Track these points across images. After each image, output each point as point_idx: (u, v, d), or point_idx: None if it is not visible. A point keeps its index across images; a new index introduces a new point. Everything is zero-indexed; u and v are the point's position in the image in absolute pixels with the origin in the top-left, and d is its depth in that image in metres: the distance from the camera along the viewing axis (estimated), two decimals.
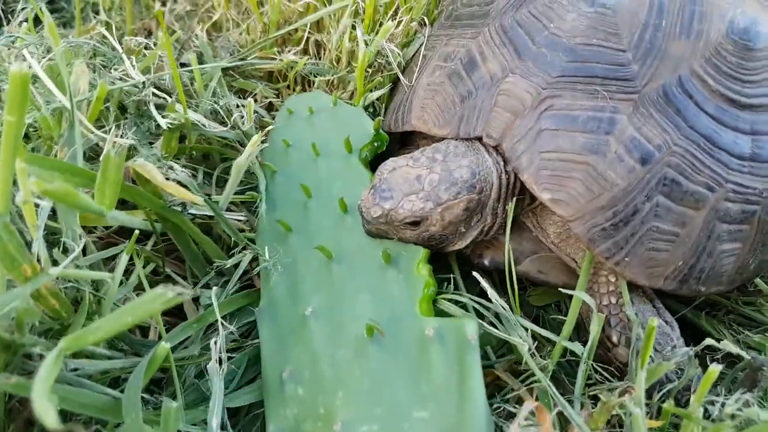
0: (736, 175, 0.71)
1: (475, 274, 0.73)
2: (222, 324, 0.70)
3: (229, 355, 0.75)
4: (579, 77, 0.72)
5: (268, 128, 0.90)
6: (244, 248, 0.81)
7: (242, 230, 0.87)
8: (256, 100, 1.00)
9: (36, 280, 0.56)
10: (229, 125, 0.89)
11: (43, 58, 0.84)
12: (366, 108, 1.00)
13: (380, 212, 0.73)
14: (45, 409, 0.39)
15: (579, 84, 0.71)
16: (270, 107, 1.12)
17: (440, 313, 0.73)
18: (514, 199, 0.77)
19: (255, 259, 0.83)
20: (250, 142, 0.79)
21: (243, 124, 0.90)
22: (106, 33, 0.89)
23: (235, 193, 0.86)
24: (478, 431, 0.56)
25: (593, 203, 0.68)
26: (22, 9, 1.44)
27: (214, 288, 0.75)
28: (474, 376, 0.59)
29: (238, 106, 0.94)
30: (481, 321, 0.70)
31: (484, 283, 0.71)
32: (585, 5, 0.74)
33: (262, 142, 0.90)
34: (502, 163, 0.77)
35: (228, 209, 0.86)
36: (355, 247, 0.77)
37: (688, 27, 0.72)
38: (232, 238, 0.81)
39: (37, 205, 0.62)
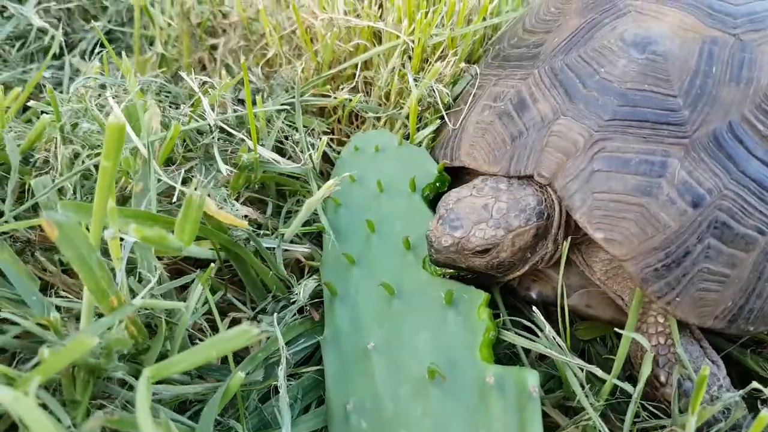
0: None
1: (534, 309, 0.75)
2: (283, 351, 0.73)
3: (289, 382, 0.78)
4: (630, 121, 0.74)
5: (344, 175, 0.94)
6: (310, 276, 0.85)
7: (305, 260, 0.90)
8: (312, 136, 1.04)
9: (121, 310, 0.60)
10: (302, 161, 0.93)
11: (116, 96, 0.90)
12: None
13: (451, 241, 0.75)
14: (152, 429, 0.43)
15: (630, 128, 0.74)
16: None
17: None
18: (569, 237, 0.79)
19: (312, 296, 0.86)
20: (326, 184, 0.83)
21: (311, 160, 0.94)
22: (184, 75, 0.94)
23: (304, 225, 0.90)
24: None
25: (646, 244, 0.70)
26: (81, 39, 1.53)
27: (275, 315, 0.78)
28: (534, 428, 0.60)
29: (298, 143, 0.98)
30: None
31: (540, 317, 0.73)
32: (636, 52, 0.76)
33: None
34: (556, 199, 0.80)
35: (293, 241, 0.90)
36: (417, 286, 0.79)
37: (738, 73, 0.74)
38: (304, 268, 0.84)
39: (121, 240, 0.67)
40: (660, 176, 0.71)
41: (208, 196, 0.78)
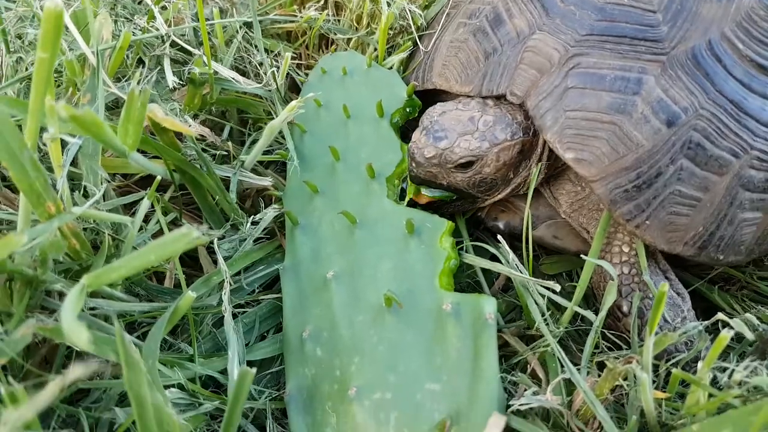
0: (761, 143, 0.70)
1: (499, 237, 0.72)
2: (229, 278, 0.70)
3: (245, 309, 0.76)
4: (607, 36, 0.71)
5: (308, 96, 0.89)
6: (268, 205, 0.82)
7: (267, 189, 0.86)
8: (278, 60, 0.99)
9: (60, 217, 0.56)
10: (264, 81, 0.88)
11: (67, 3, 0.84)
12: None
13: (434, 152, 0.72)
14: (77, 329, 0.39)
15: (607, 43, 0.70)
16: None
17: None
18: (539, 164, 0.76)
19: (278, 217, 0.83)
20: (287, 106, 0.79)
21: (274, 80, 0.89)
22: None
23: (264, 153, 0.86)
24: (489, 411, 0.55)
25: (617, 164, 0.68)
26: None
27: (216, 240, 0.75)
28: (489, 355, 0.59)
29: (261, 63, 0.92)
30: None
31: (505, 245, 0.70)
32: None
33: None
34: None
35: (258, 171, 0.86)
36: (379, 214, 0.76)
37: None
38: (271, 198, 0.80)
39: (62, 147, 0.62)
40: (635, 93, 0.68)
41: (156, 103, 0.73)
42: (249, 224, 0.79)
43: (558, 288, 0.66)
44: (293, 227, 0.80)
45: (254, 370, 0.52)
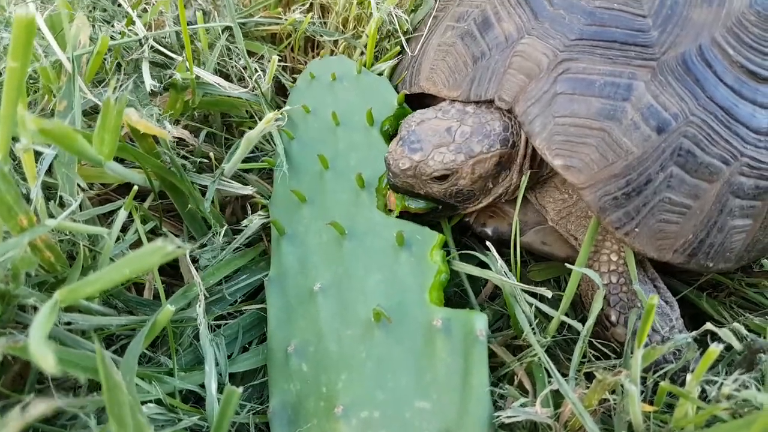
0: (751, 150, 0.69)
1: (488, 244, 0.71)
2: (203, 291, 0.68)
3: (227, 322, 0.74)
4: (598, 41, 0.69)
5: (291, 107, 0.87)
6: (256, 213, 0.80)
7: (252, 197, 0.85)
8: (262, 63, 0.97)
9: (32, 231, 0.54)
10: (250, 85, 0.86)
11: (43, 7, 0.81)
12: None
13: (409, 164, 0.70)
14: (43, 353, 0.38)
15: (597, 48, 0.69)
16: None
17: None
18: (528, 172, 0.75)
19: (265, 227, 0.81)
20: (265, 117, 0.77)
21: (257, 85, 0.87)
22: None
23: (250, 159, 0.83)
24: (480, 430, 0.54)
25: (606, 171, 0.66)
26: None
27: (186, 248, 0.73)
28: (479, 372, 0.58)
29: (246, 68, 0.90)
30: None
31: (493, 251, 0.69)
32: None
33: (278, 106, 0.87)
34: (518, 127, 0.75)
35: (243, 178, 0.84)
36: (369, 225, 0.74)
37: None
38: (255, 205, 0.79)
39: (36, 158, 0.60)
40: (625, 99, 0.67)
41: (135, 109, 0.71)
42: (223, 234, 0.77)
43: (549, 294, 0.64)
44: (279, 236, 0.78)
45: (240, 389, 0.50)
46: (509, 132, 0.73)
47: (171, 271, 0.80)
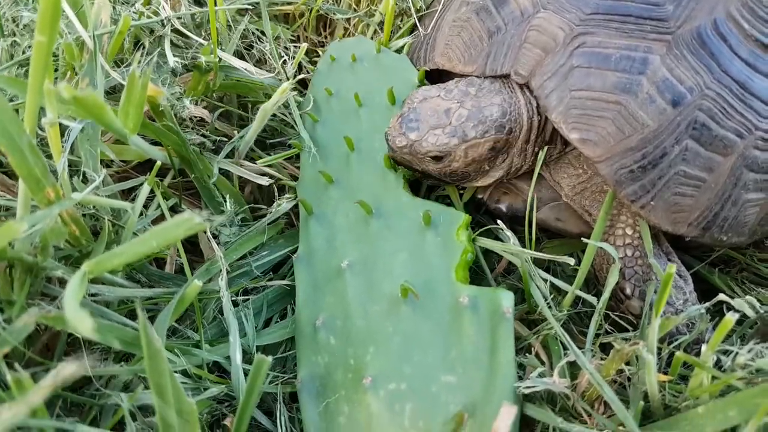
0: (766, 123, 0.69)
1: (500, 222, 0.72)
2: (225, 266, 0.69)
3: (248, 298, 0.75)
4: (613, 15, 0.70)
5: (299, 76, 0.87)
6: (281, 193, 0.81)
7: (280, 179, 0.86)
8: (278, 44, 0.97)
9: (60, 204, 0.55)
10: (276, 70, 0.86)
11: None
12: None
13: (405, 143, 0.72)
14: (81, 317, 0.39)
15: (613, 22, 0.69)
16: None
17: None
18: (546, 147, 0.75)
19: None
20: (279, 88, 0.77)
21: (283, 70, 0.87)
22: None
23: (276, 145, 0.83)
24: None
25: (622, 144, 0.67)
26: None
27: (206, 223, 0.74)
28: (506, 349, 0.58)
29: (273, 53, 0.90)
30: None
31: (508, 231, 0.70)
32: None
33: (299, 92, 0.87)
34: (534, 104, 0.75)
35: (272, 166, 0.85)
36: (395, 205, 0.75)
37: None
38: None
39: (62, 134, 0.61)
40: (641, 73, 0.67)
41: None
42: (240, 212, 0.77)
43: (572, 261, 0.65)
44: (307, 216, 0.79)
45: (270, 358, 0.52)
46: (506, 119, 0.74)
47: (190, 247, 0.81)
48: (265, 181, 0.82)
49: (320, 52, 1.05)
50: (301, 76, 0.93)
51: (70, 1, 0.76)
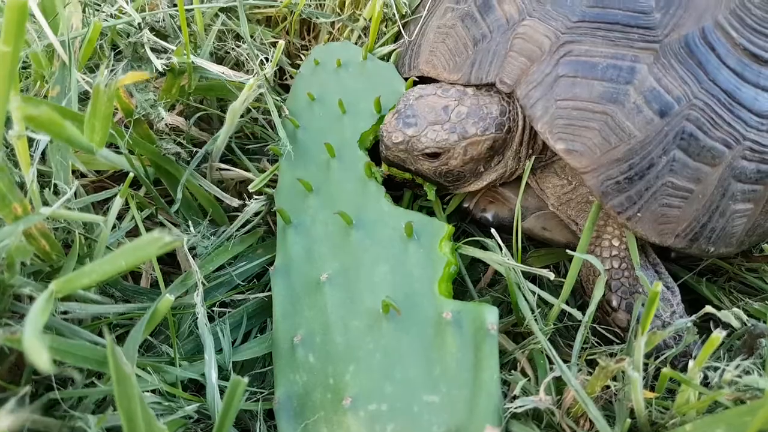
0: (754, 133, 0.69)
1: (492, 231, 0.70)
2: (201, 279, 0.67)
3: (228, 310, 0.73)
4: (600, 23, 0.68)
5: (264, 71, 0.84)
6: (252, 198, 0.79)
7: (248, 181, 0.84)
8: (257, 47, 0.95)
9: (27, 219, 0.53)
10: (254, 71, 0.83)
11: None
12: None
13: (401, 138, 0.70)
14: (37, 350, 0.37)
15: (599, 30, 0.68)
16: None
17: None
18: (533, 157, 0.74)
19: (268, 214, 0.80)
20: (246, 85, 0.75)
21: (260, 70, 0.85)
22: None
23: (257, 152, 0.80)
24: (490, 424, 0.53)
25: (609, 155, 0.66)
26: None
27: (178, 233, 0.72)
28: (490, 366, 0.56)
29: (250, 54, 0.88)
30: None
31: (498, 239, 0.68)
32: None
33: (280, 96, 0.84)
34: (520, 111, 0.74)
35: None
36: (377, 215, 0.73)
37: None
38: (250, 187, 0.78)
39: (30, 146, 0.58)
40: (627, 82, 0.66)
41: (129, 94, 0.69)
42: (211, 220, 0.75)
43: (552, 276, 0.64)
44: (285, 226, 0.76)
45: (246, 379, 0.50)
46: (506, 117, 0.73)
47: (168, 259, 0.79)
48: (236, 203, 0.80)
49: (304, 57, 1.02)
50: (285, 82, 0.91)
51: (43, 6, 0.73)
